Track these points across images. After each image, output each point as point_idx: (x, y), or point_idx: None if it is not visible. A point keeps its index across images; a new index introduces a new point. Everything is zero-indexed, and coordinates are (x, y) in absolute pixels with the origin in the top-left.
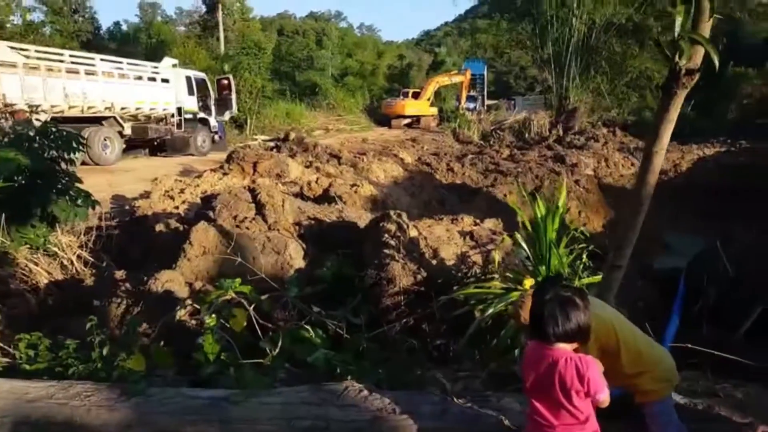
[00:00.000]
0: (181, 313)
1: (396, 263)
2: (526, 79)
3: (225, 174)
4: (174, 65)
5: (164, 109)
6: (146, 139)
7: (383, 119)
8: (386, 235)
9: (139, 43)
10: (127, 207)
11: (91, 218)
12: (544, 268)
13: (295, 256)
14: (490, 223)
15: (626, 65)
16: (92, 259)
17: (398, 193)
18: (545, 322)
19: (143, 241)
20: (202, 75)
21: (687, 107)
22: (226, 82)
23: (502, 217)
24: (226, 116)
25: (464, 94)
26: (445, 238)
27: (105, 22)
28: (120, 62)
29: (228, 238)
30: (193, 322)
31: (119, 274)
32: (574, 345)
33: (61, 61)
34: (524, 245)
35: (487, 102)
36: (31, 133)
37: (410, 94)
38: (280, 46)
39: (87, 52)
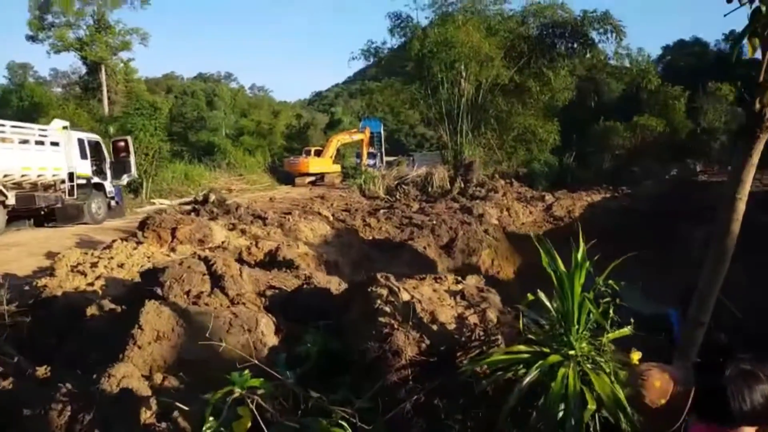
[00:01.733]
0: (146, 416)
1: (399, 332)
2: (416, 136)
3: (139, 243)
4: (64, 127)
5: (54, 175)
6: (33, 208)
7: (286, 177)
8: (378, 301)
9: (9, 106)
10: (26, 287)
11: None
12: (576, 328)
13: (267, 333)
14: (473, 280)
15: (512, 122)
16: None
17: (330, 251)
18: (730, 402)
19: (59, 327)
20: (96, 137)
21: (569, 158)
22: (123, 144)
23: (425, 270)
24: (124, 180)
25: (365, 151)
26: (435, 299)
27: None
28: (2, 125)
29: (186, 319)
30: (163, 425)
31: (41, 371)
32: (756, 426)
33: None
34: (549, 304)
35: (386, 158)
36: None
37: (312, 152)
38: (171, 107)
39: None
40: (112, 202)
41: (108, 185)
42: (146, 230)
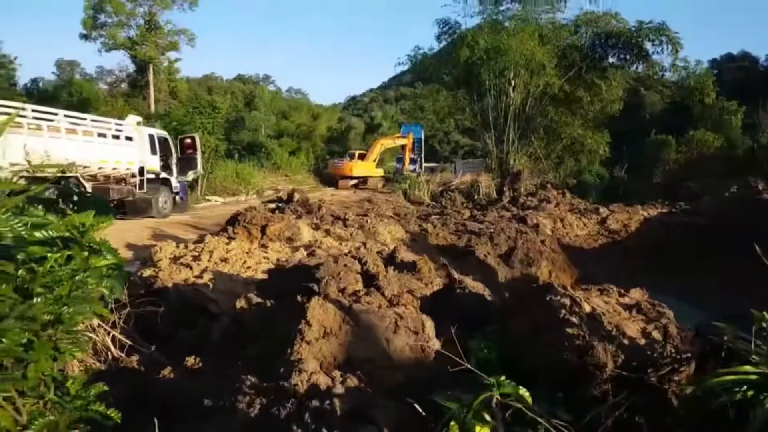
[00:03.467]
0: (339, 413)
1: (600, 345)
2: (450, 143)
3: (230, 239)
4: (138, 123)
5: (127, 169)
6: (107, 200)
7: (329, 179)
8: (562, 311)
9: (59, 101)
10: (131, 278)
11: None
12: None
13: (433, 336)
14: (637, 294)
15: (560, 131)
16: (129, 342)
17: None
18: None
19: (178, 318)
20: (164, 134)
21: (621, 171)
22: (189, 141)
23: (487, 278)
24: (189, 176)
25: (408, 156)
26: (613, 311)
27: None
28: (83, 118)
29: (351, 316)
30: (358, 424)
31: (191, 361)
32: None
33: (23, 116)
34: None
35: (425, 164)
36: (53, 195)
37: (357, 155)
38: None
39: None
40: (177, 198)
41: (174, 181)
42: (237, 226)
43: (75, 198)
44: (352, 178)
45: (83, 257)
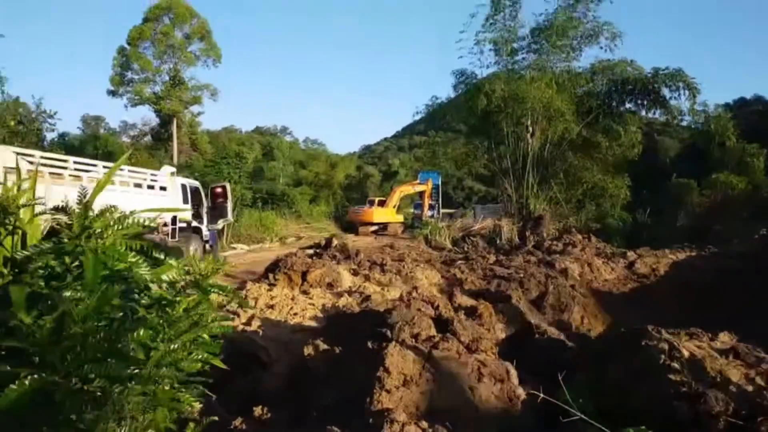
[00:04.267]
0: None
1: (712, 393)
2: (464, 189)
3: (272, 285)
4: (172, 173)
5: (160, 218)
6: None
7: (349, 226)
8: (662, 356)
9: (85, 154)
10: None
11: None
12: None
13: (517, 384)
14: (725, 337)
15: (580, 176)
16: None
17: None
18: None
19: (234, 365)
20: (196, 183)
21: (644, 216)
22: (220, 189)
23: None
24: (220, 224)
25: (426, 202)
26: (709, 357)
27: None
28: (121, 169)
29: (431, 364)
30: None
31: (258, 411)
32: None
33: (65, 168)
34: None
35: (442, 210)
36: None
37: (376, 202)
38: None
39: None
40: (207, 245)
41: (204, 229)
42: (278, 273)
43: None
44: (372, 224)
45: (208, 302)
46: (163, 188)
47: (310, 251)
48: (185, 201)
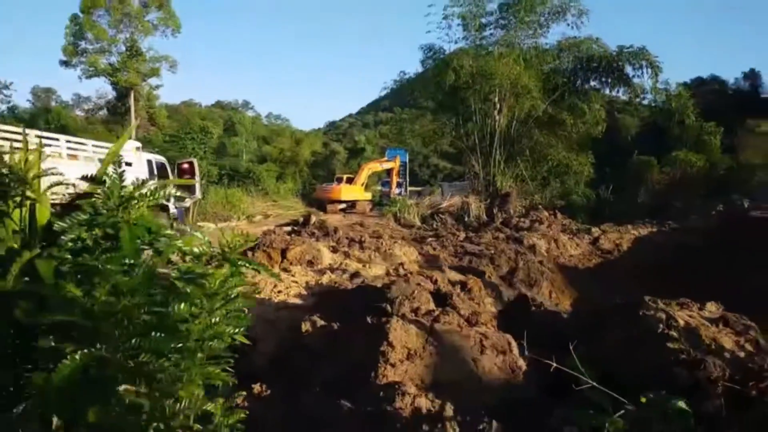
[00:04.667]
0: None
1: (710, 359)
2: (429, 167)
3: None
4: (137, 148)
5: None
6: None
7: (316, 204)
8: (660, 326)
9: (37, 128)
10: None
11: None
12: None
13: (518, 356)
14: (712, 307)
15: (546, 153)
16: None
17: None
18: None
19: None
20: (162, 159)
21: (606, 192)
22: (187, 166)
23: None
24: (187, 202)
25: (395, 180)
26: (701, 325)
27: None
28: (84, 143)
29: (434, 337)
30: None
31: (257, 389)
32: None
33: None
34: None
35: (410, 188)
36: None
37: (344, 180)
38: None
39: None
40: (175, 224)
41: (171, 206)
42: (256, 251)
43: None
44: (340, 202)
45: (240, 275)
46: (128, 164)
47: (287, 228)
48: (151, 177)
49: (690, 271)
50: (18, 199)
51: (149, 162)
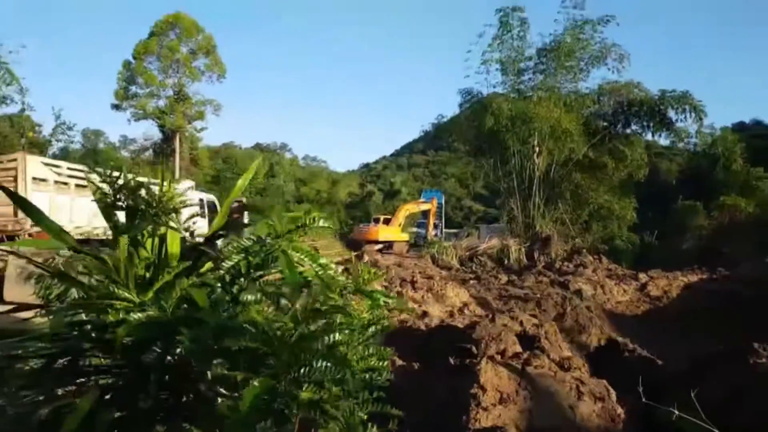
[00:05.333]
0: None
1: None
2: (462, 209)
3: None
4: (191, 187)
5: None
6: None
7: (353, 244)
8: None
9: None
10: None
11: None
12: None
13: (616, 402)
14: None
15: (587, 197)
16: None
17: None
18: None
19: None
20: (213, 198)
21: (651, 237)
22: (237, 205)
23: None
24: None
25: (431, 222)
26: None
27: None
28: (141, 182)
29: (527, 381)
30: None
31: None
32: None
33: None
34: None
35: (445, 230)
36: None
37: (381, 220)
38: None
39: None
40: None
41: (221, 244)
42: None
43: None
44: (378, 242)
45: (381, 308)
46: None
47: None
48: (203, 215)
49: (741, 320)
50: (151, 228)
51: (201, 201)
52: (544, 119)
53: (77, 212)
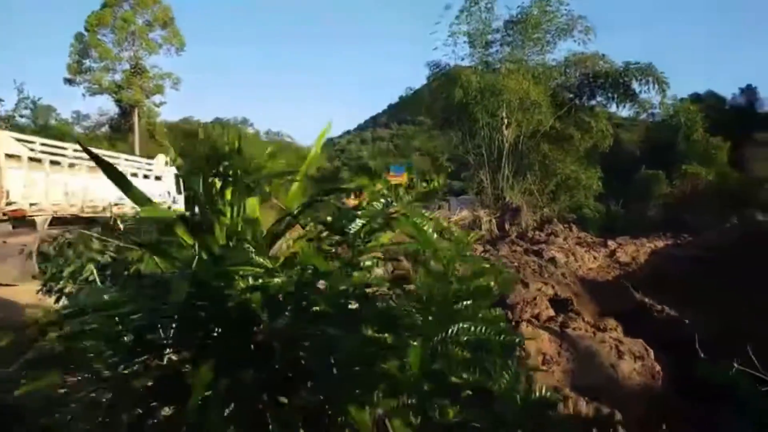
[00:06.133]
0: None
1: None
2: (428, 182)
3: None
4: (166, 162)
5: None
6: None
7: None
8: None
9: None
10: None
11: None
12: None
13: (655, 360)
14: None
15: (554, 168)
16: None
17: None
18: None
19: None
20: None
21: (617, 206)
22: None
23: None
24: None
25: None
26: None
27: None
28: (117, 157)
29: (568, 343)
30: None
31: None
32: None
33: (64, 155)
34: None
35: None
36: None
37: (353, 195)
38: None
39: None
40: None
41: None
42: None
43: None
44: None
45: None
46: (158, 177)
47: None
48: (179, 191)
49: (707, 285)
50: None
51: (177, 176)
52: (513, 91)
53: (52, 189)
